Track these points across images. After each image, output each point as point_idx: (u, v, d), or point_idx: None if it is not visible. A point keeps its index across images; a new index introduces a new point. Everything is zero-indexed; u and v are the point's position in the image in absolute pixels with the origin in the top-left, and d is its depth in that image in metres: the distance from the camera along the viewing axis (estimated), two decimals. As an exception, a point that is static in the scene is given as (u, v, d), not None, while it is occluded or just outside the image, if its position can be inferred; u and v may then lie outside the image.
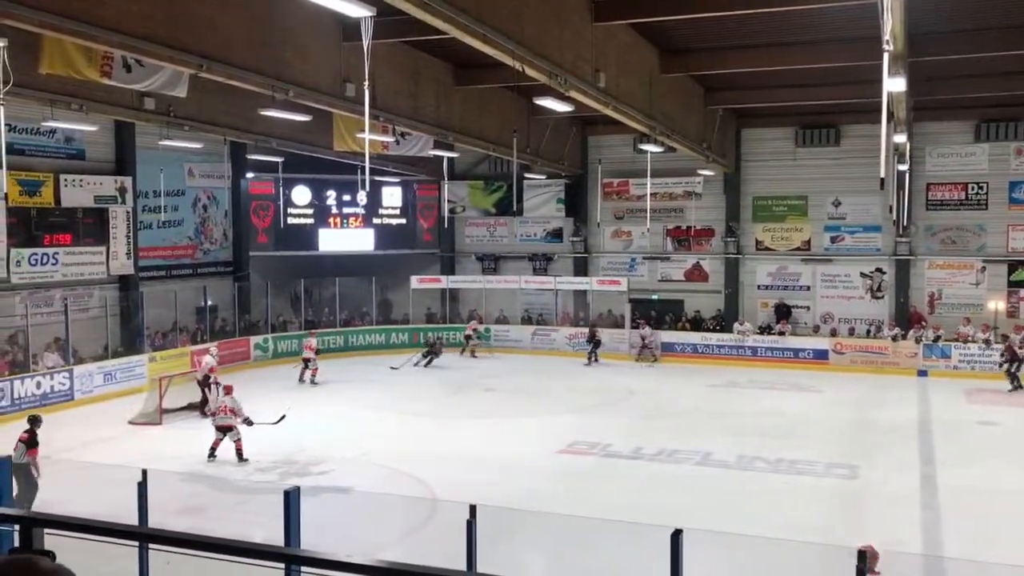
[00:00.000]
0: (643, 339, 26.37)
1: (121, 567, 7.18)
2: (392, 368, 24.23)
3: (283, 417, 15.63)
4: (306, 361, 22.72)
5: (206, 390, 19.02)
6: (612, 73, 14.52)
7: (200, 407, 18.88)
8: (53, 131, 21.13)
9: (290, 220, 29.64)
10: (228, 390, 15.67)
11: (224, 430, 15.06)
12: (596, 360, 26.04)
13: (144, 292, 23.68)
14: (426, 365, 24.95)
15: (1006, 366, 22.06)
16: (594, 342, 26.30)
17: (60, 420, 18.52)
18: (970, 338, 24.00)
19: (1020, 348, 22.24)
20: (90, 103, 16.89)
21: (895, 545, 10.60)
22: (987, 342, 23.60)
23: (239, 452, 14.92)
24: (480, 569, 6.83)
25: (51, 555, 2.18)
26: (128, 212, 23.67)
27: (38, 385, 19.22)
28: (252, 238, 28.90)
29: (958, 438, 17.17)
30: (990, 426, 18.09)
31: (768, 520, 11.73)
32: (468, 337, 27.39)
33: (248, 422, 15.07)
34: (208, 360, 19.52)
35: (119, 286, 23.65)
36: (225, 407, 15.21)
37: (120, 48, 11.99)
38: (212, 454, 15.10)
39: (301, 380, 22.46)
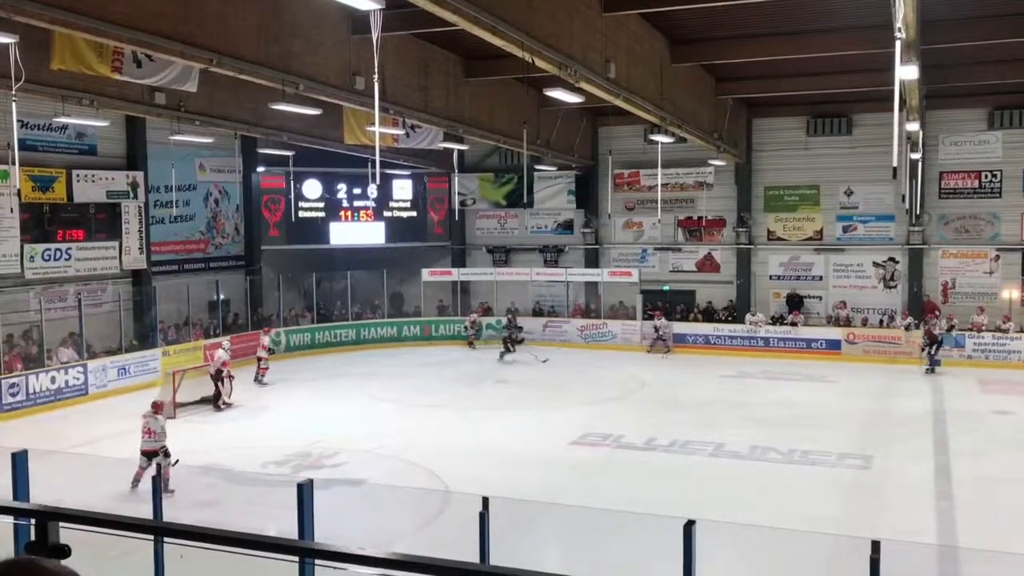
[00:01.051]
0: (656, 330, 26.33)
1: (136, 560, 7.23)
2: (543, 360, 24.31)
3: (176, 461, 12.66)
4: (260, 360, 21.97)
5: (219, 384, 19.13)
6: (622, 64, 14.48)
7: (213, 401, 19.00)
8: (65, 127, 21.20)
9: (301, 214, 29.67)
10: (157, 408, 13.30)
11: (149, 455, 12.68)
12: (513, 347, 26.24)
13: (157, 286, 23.79)
14: (503, 355, 25.16)
15: (927, 349, 22.74)
16: (512, 328, 26.66)
17: (75, 415, 18.71)
18: (984, 327, 23.97)
19: (938, 332, 23.18)
20: (101, 98, 16.94)
21: (909, 535, 10.58)
22: (1005, 331, 23.61)
23: (165, 482, 11.96)
24: (493, 561, 6.84)
25: (66, 549, 2.19)
26: (140, 207, 23.76)
27: (53, 380, 19.35)
28: (263, 232, 28.98)
29: (972, 428, 17.08)
30: (1005, 415, 17.99)
31: (781, 511, 11.73)
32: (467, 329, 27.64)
33: (166, 453, 12.67)
34: (220, 354, 19.60)
35: (132, 281, 23.77)
36: (149, 429, 12.86)
37: (131, 44, 12.02)
38: (135, 484, 12.52)
39: (256, 380, 21.70)
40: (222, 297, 25.77)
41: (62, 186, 21.73)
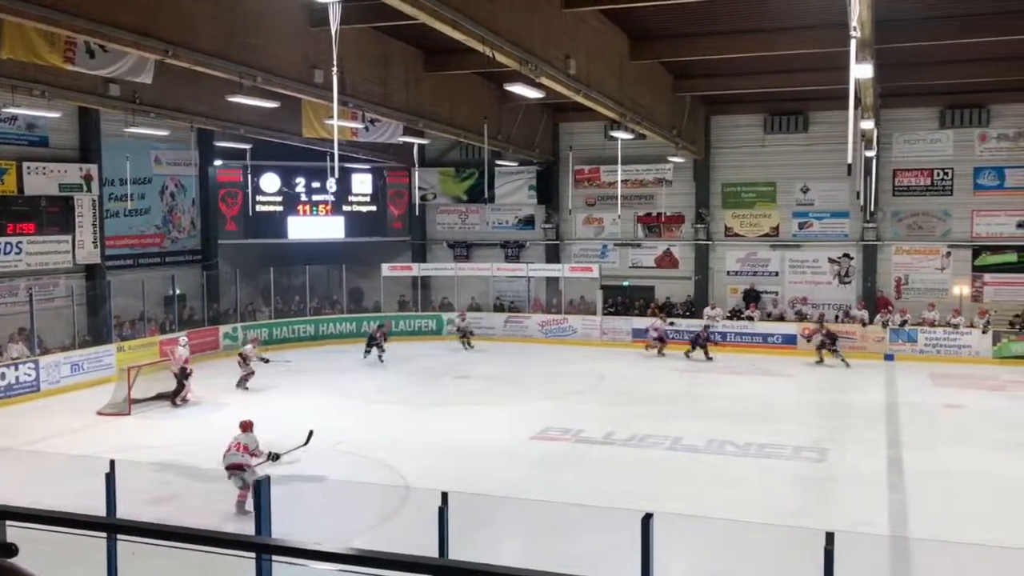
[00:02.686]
0: (656, 330, 25.92)
1: (88, 559, 7.11)
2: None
3: (311, 434, 13.38)
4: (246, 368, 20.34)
5: (184, 381, 18.88)
6: (582, 60, 14.51)
7: (172, 397, 18.72)
8: (14, 118, 20.74)
9: (259, 208, 29.35)
10: (245, 427, 12.23)
11: (234, 470, 11.79)
12: (380, 351, 24.03)
13: (111, 281, 23.34)
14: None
15: (825, 346, 23.34)
16: (381, 337, 24.36)
17: (26, 411, 18.33)
18: (936, 322, 24.47)
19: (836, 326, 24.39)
20: (53, 89, 16.61)
21: (862, 527, 10.77)
22: (955, 326, 24.10)
23: (241, 503, 11.63)
24: (452, 556, 6.84)
25: (13, 547, 2.14)
26: (94, 200, 23.32)
27: (2, 376, 18.92)
28: (220, 226, 28.60)
29: (924, 420, 17.43)
30: (955, 408, 18.38)
31: (738, 503, 11.86)
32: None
33: (274, 456, 12.39)
34: (181, 351, 19.32)
35: (86, 275, 23.34)
36: (238, 444, 11.91)
37: (83, 33, 11.78)
38: (243, 510, 11.52)
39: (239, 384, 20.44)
40: (178, 292, 25.39)
41: (12, 178, 21.25)
